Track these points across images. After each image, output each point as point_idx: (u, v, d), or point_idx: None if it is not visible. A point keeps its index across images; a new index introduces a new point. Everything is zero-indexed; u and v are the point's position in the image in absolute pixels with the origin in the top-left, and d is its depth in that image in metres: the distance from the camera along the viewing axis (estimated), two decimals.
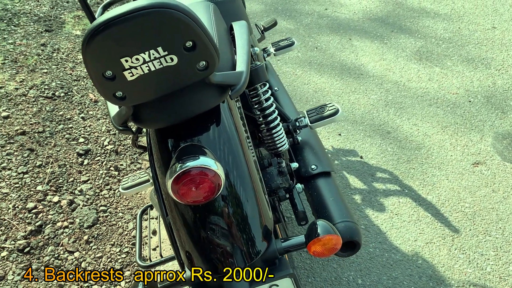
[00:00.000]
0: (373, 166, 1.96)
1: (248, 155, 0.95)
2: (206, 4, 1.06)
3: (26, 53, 2.72)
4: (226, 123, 0.93)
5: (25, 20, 3.05)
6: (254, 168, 0.96)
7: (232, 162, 0.90)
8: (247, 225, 0.89)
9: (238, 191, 0.89)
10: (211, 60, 0.79)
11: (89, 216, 1.76)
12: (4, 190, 1.85)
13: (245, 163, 0.92)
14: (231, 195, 0.88)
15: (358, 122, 2.20)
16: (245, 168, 0.92)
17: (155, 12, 0.70)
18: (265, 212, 0.94)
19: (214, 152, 0.88)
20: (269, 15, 3.19)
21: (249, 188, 0.91)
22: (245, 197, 0.90)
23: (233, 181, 0.89)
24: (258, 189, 0.94)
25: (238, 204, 0.89)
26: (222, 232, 0.88)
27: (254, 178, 0.94)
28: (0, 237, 1.67)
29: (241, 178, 0.90)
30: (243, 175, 0.91)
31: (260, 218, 0.92)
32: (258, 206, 0.92)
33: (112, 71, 0.75)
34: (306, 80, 2.52)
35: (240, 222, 0.89)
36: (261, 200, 0.94)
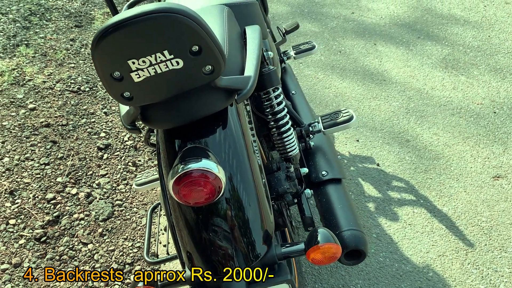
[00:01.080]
0: (390, 174, 1.94)
1: (252, 159, 0.96)
2: (220, 8, 1.07)
3: (56, 47, 2.80)
4: (232, 126, 0.94)
5: (57, 15, 3.14)
6: (258, 172, 0.97)
7: (235, 165, 0.91)
8: (247, 228, 0.90)
9: (240, 194, 0.90)
10: (217, 65, 0.80)
11: (105, 210, 1.80)
12: (26, 180, 1.91)
13: (249, 167, 0.93)
14: (233, 198, 0.89)
15: (377, 128, 2.18)
16: (249, 172, 0.92)
17: (162, 16, 0.71)
18: (267, 216, 0.94)
19: (218, 155, 0.89)
20: (294, 17, 3.19)
21: (252, 192, 0.92)
22: (247, 200, 0.91)
23: (235, 184, 0.90)
24: (261, 193, 0.94)
25: (240, 207, 0.90)
26: (222, 234, 0.89)
27: (258, 182, 0.95)
28: (19, 225, 1.73)
29: (243, 182, 0.91)
30: (246, 178, 0.92)
31: (261, 222, 0.92)
32: (260, 210, 0.93)
33: (120, 72, 0.77)
34: (327, 84, 2.51)
35: (241, 225, 0.89)
36: (263, 205, 0.94)
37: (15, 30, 2.92)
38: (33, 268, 1.58)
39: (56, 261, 1.61)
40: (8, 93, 2.39)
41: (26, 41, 2.82)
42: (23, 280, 1.55)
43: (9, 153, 2.03)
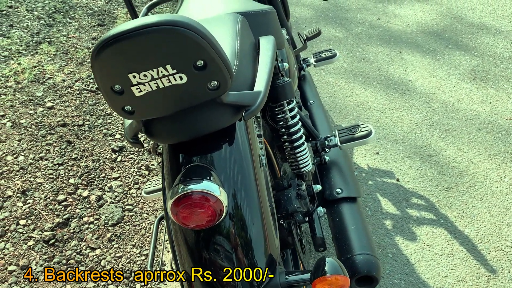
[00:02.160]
0: (409, 190, 1.85)
1: (259, 177, 0.91)
2: (234, 17, 1.02)
3: (77, 46, 2.80)
4: (240, 142, 0.89)
5: (80, 14, 3.15)
6: (264, 192, 0.92)
7: (240, 184, 0.86)
8: (249, 253, 0.85)
9: (243, 216, 0.85)
10: (223, 80, 0.75)
11: (115, 214, 1.78)
12: (39, 180, 1.91)
13: (254, 187, 0.88)
14: (235, 220, 0.84)
15: (399, 141, 2.09)
16: (254, 192, 0.87)
17: (164, 29, 0.67)
18: (272, 241, 0.89)
19: (223, 173, 0.85)
20: (318, 21, 3.12)
21: (256, 214, 0.87)
22: (251, 223, 0.86)
23: (239, 205, 0.85)
24: (266, 215, 0.89)
25: (242, 230, 0.85)
26: (223, 257, 0.84)
27: (264, 203, 0.90)
28: (29, 226, 1.72)
29: (248, 203, 0.86)
30: (251, 199, 0.87)
31: (265, 247, 0.87)
32: (264, 234, 0.87)
33: (120, 85, 0.73)
34: (348, 92, 2.44)
35: (243, 249, 0.84)
36: (268, 228, 0.89)
37: (39, 27, 2.94)
38: (39, 272, 1.57)
39: (63, 265, 1.59)
40: (28, 90, 2.40)
41: (49, 38, 2.84)
42: (29, 283, 1.54)
43: (25, 152, 2.03)
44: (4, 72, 2.50)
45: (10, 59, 2.62)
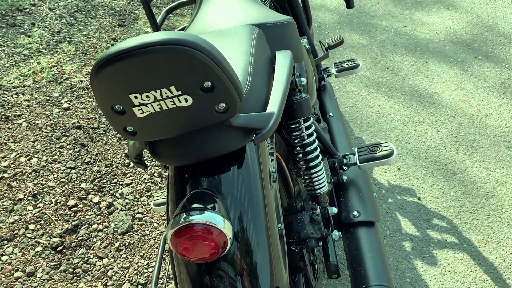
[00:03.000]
0: (431, 210, 1.76)
1: (269, 199, 0.84)
2: (250, 29, 0.96)
3: (97, 46, 2.79)
4: (249, 164, 0.83)
5: (102, 13, 3.14)
6: (273, 216, 0.86)
7: (247, 207, 0.80)
8: (254, 281, 0.79)
9: (249, 241, 0.79)
10: (232, 103, 0.69)
11: (124, 222, 1.74)
12: (50, 183, 1.88)
13: (262, 210, 0.82)
14: (240, 244, 0.78)
15: (422, 157, 2.00)
16: (262, 217, 0.81)
17: (168, 49, 0.61)
18: (279, 268, 0.83)
19: (230, 195, 0.79)
20: (342, 27, 3.03)
21: (263, 239, 0.81)
22: (257, 248, 0.79)
23: (245, 228, 0.79)
24: (274, 241, 0.83)
25: (247, 256, 0.79)
26: (226, 285, 0.78)
27: (272, 228, 0.83)
28: (38, 231, 1.69)
29: (255, 227, 0.80)
30: (258, 224, 0.80)
31: (271, 276, 0.81)
32: (271, 261, 0.81)
33: (121, 105, 0.67)
34: (371, 103, 2.35)
35: (247, 277, 0.78)
36: (275, 254, 0.83)
37: (60, 26, 2.93)
38: (44, 280, 1.54)
39: (69, 274, 1.56)
40: (45, 90, 2.39)
41: (69, 38, 2.83)
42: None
43: (38, 154, 2.01)
44: (23, 71, 2.49)
45: (30, 58, 2.62)
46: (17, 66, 2.52)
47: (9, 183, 1.86)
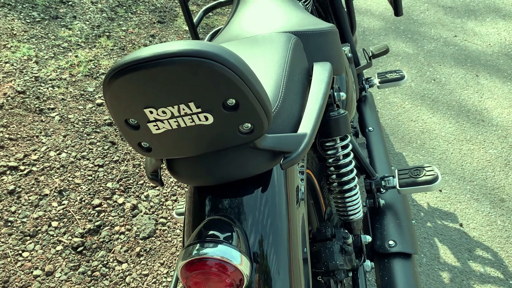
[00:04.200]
0: (474, 239, 1.62)
1: (294, 230, 0.76)
2: (286, 37, 0.87)
3: (135, 42, 2.76)
4: (276, 189, 0.74)
5: (142, 9, 3.12)
6: (299, 246, 0.77)
7: (269, 230, 0.71)
8: None
9: (268, 267, 0.70)
10: (258, 123, 0.61)
11: (147, 227, 1.69)
12: (77, 180, 1.86)
13: (286, 242, 0.73)
14: (259, 272, 0.69)
15: (466, 179, 1.85)
16: (285, 242, 0.72)
17: (188, 61, 0.53)
18: None
19: (251, 222, 0.70)
20: (387, 34, 2.89)
21: (285, 274, 0.72)
22: (276, 275, 0.71)
23: (265, 253, 0.70)
24: (297, 276, 0.74)
25: (265, 284, 0.70)
26: None
27: (296, 261, 0.74)
28: (60, 229, 1.67)
29: (276, 253, 0.71)
30: (280, 250, 0.72)
31: None
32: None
33: (136, 119, 0.60)
34: (414, 117, 2.21)
35: None
36: (296, 284, 0.74)
37: (100, 21, 2.93)
38: (62, 281, 1.51)
39: (87, 276, 1.52)
40: (81, 84, 2.38)
41: (108, 32, 2.82)
42: None
43: (68, 149, 1.99)
44: (61, 64, 2.50)
45: (68, 50, 2.62)
46: (55, 59, 2.53)
47: (36, 177, 1.85)
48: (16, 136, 2.02)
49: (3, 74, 2.35)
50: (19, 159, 1.91)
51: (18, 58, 2.48)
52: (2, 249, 1.58)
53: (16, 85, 2.28)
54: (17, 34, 2.66)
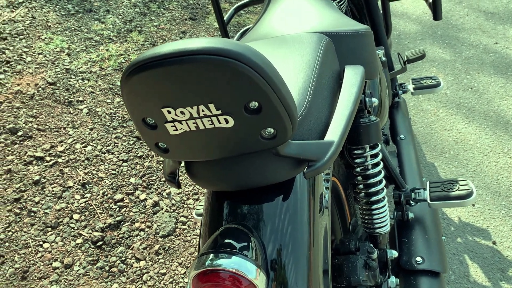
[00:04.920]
0: (508, 258, 1.53)
1: (317, 246, 0.71)
2: (317, 38, 0.83)
3: (166, 38, 2.76)
4: (298, 197, 0.70)
5: (175, 5, 3.12)
6: (320, 258, 0.72)
7: (288, 239, 0.67)
8: None
9: (286, 279, 0.66)
10: (282, 129, 0.56)
11: (167, 225, 1.67)
12: (101, 174, 1.86)
13: (306, 244, 0.69)
14: (276, 283, 0.65)
15: (502, 195, 1.75)
16: (305, 252, 0.68)
17: (208, 60, 0.49)
18: None
19: (269, 230, 0.67)
20: (424, 38, 2.79)
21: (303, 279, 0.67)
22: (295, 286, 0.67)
23: (283, 263, 0.66)
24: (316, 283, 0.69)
25: None
26: None
27: (316, 274, 0.70)
28: (81, 222, 1.66)
29: (295, 263, 0.67)
30: (299, 260, 0.68)
31: None
32: None
33: (154, 119, 0.57)
34: (448, 126, 2.12)
35: None
36: None
37: (133, 15, 2.94)
38: (80, 274, 1.50)
39: (105, 272, 1.51)
40: (110, 78, 2.39)
41: (140, 27, 2.83)
42: (69, 285, 1.47)
43: (94, 142, 2.00)
44: (92, 57, 2.52)
45: (100, 44, 2.64)
46: (87, 52, 2.55)
47: (61, 169, 1.85)
48: (44, 127, 2.04)
49: (36, 65, 2.38)
50: (45, 150, 1.92)
51: (51, 49, 2.51)
52: (24, 239, 1.59)
53: (47, 76, 2.31)
54: (51, 26, 2.70)
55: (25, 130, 1.99)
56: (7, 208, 1.68)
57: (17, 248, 1.56)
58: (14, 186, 1.76)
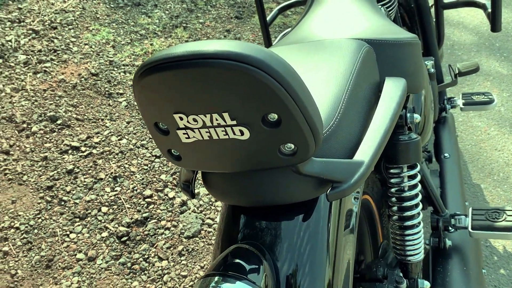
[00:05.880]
0: None
1: (338, 270, 0.65)
2: (357, 45, 0.76)
3: (210, 36, 2.74)
4: (320, 218, 0.64)
5: (222, 3, 3.10)
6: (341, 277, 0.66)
7: (306, 259, 0.61)
8: None
9: None
10: (303, 146, 0.51)
11: (193, 226, 1.64)
12: (133, 168, 1.85)
13: (324, 280, 0.62)
14: None
15: None
16: (325, 277, 0.62)
17: (224, 65, 0.44)
18: None
19: (285, 255, 0.61)
20: (480, 50, 2.62)
21: None
22: None
23: (298, 284, 0.60)
24: None
25: None
26: None
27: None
28: (109, 215, 1.66)
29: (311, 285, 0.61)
30: (316, 283, 0.62)
31: None
32: None
33: (166, 124, 0.53)
34: (499, 145, 1.97)
35: None
36: None
37: (180, 11, 2.95)
38: (102, 269, 1.49)
39: (126, 268, 1.50)
40: None
41: (185, 23, 2.82)
42: (90, 278, 1.47)
43: (129, 135, 2.00)
44: (135, 51, 2.53)
45: (145, 38, 2.66)
46: (131, 45, 2.57)
47: (95, 160, 1.87)
48: (83, 117, 2.06)
49: (81, 55, 2.42)
50: (82, 140, 1.94)
51: (97, 41, 2.55)
52: (52, 227, 1.61)
53: (91, 67, 2.34)
54: (100, 18, 2.74)
55: (64, 119, 2.02)
56: (39, 195, 1.71)
57: (45, 236, 1.58)
58: (48, 173, 1.79)
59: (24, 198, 1.69)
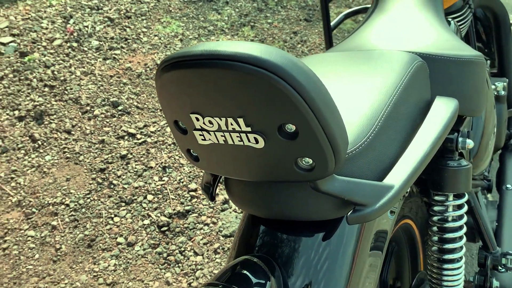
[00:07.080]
0: None
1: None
2: (409, 59, 0.70)
3: (275, 36, 2.73)
4: (344, 235, 0.60)
5: (293, 4, 3.07)
6: None
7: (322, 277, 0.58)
8: None
9: None
10: (321, 161, 0.47)
11: (232, 225, 1.63)
12: (182, 160, 1.88)
13: None
14: None
15: None
16: None
17: (241, 68, 0.42)
18: None
19: (301, 269, 0.58)
20: None
21: None
22: None
23: None
24: None
25: None
26: None
27: None
28: (153, 204, 1.70)
29: None
30: None
31: None
32: None
33: (184, 123, 0.51)
34: None
35: None
36: None
37: (250, 10, 2.96)
38: (139, 256, 1.53)
39: (162, 258, 1.52)
40: None
41: (253, 22, 2.83)
42: (127, 263, 1.50)
43: None
44: None
45: (212, 34, 2.69)
46: (198, 40, 2.62)
47: (148, 149, 1.91)
48: (143, 105, 2.12)
49: (149, 46, 2.50)
50: (138, 128, 2.00)
51: (167, 33, 2.62)
52: (98, 209, 1.67)
53: (157, 58, 2.41)
54: (172, 11, 2.82)
55: (125, 106, 2.10)
56: (92, 176, 1.78)
57: (91, 216, 1.64)
58: (103, 156, 1.86)
59: (77, 177, 1.77)
